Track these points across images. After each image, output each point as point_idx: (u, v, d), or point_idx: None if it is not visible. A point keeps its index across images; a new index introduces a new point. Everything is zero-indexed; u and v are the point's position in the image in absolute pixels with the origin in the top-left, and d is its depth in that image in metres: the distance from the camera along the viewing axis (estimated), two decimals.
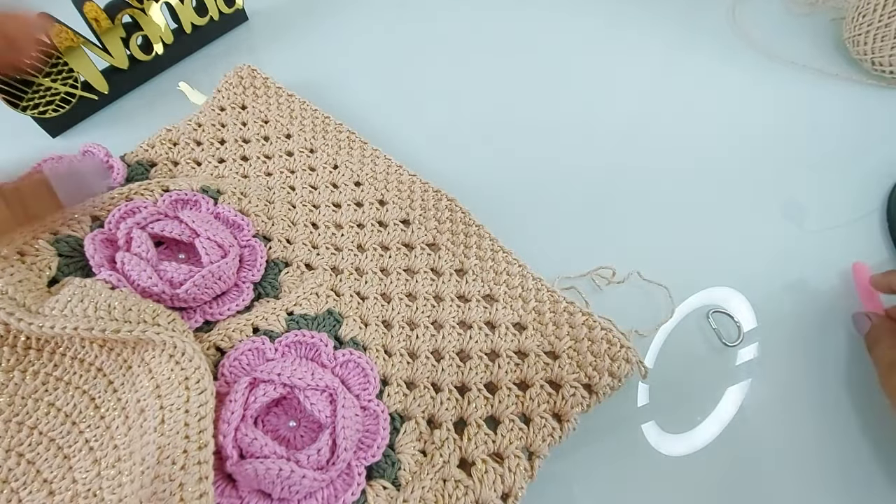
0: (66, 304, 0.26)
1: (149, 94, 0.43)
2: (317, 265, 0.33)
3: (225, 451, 0.23)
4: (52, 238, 0.29)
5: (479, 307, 0.31)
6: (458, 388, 0.29)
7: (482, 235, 0.33)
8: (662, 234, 0.36)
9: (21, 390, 0.27)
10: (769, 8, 0.52)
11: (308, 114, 0.39)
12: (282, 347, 0.27)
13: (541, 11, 0.51)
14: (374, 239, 0.34)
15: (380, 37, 0.49)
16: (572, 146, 0.41)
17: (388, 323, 0.31)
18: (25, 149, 0.37)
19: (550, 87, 0.45)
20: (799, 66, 0.46)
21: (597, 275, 0.34)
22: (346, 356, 0.27)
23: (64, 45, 0.37)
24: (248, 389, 0.25)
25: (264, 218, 0.34)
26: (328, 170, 0.37)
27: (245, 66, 0.41)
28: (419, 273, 0.32)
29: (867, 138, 0.41)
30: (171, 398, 0.24)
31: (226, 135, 0.39)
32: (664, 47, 0.48)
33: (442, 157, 0.39)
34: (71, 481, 0.25)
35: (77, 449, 0.26)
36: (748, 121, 0.43)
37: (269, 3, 0.52)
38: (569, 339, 0.30)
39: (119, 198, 0.32)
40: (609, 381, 0.28)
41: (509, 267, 0.32)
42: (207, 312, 0.29)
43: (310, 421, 0.26)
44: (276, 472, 0.22)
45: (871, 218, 0.37)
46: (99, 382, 0.27)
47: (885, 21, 0.42)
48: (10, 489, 0.25)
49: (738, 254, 0.35)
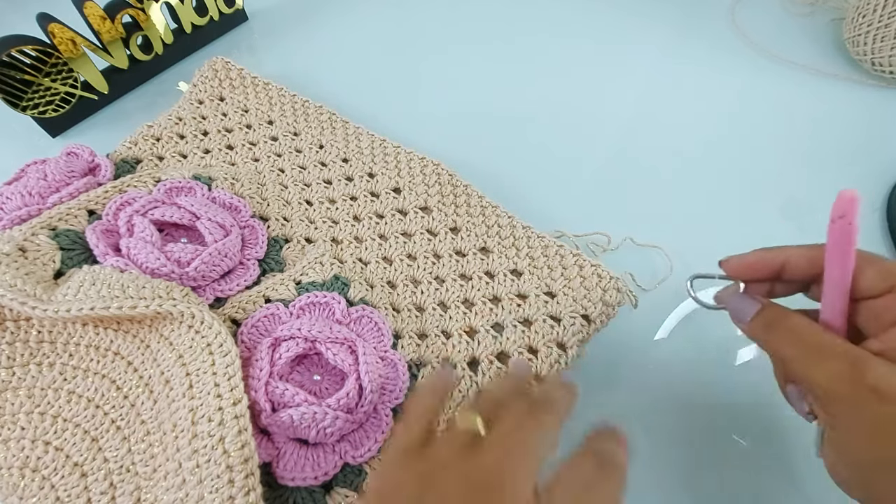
0: (79, 288, 0.27)
1: (149, 94, 0.43)
2: (316, 238, 0.34)
3: (258, 405, 0.24)
4: (51, 233, 0.30)
5: (475, 259, 0.33)
6: (466, 332, 0.30)
7: (469, 194, 0.35)
8: (662, 234, 0.35)
9: (39, 382, 0.28)
10: (769, 8, 0.51)
11: (287, 99, 0.41)
12: (296, 310, 0.28)
13: (540, 11, 0.52)
14: (369, 209, 0.35)
15: (380, 36, 0.50)
16: (572, 146, 0.41)
17: (393, 283, 0.32)
18: (25, 149, 0.37)
19: (549, 87, 0.45)
20: (799, 66, 0.46)
21: (592, 242, 0.35)
22: (360, 312, 0.29)
23: (67, 54, 0.37)
24: (271, 349, 0.26)
25: (259, 199, 0.35)
26: (314, 150, 0.38)
27: (218, 58, 0.42)
28: (415, 235, 0.34)
29: (867, 138, 0.41)
30: (196, 364, 0.25)
31: (208, 126, 0.39)
32: (663, 48, 0.48)
33: (449, 146, 0.39)
34: (102, 461, 0.26)
35: (104, 430, 0.27)
36: (748, 121, 0.42)
37: (269, 3, 0.52)
38: (563, 279, 0.32)
39: (113, 191, 0.32)
40: (603, 309, 0.30)
41: (499, 220, 0.34)
42: (217, 290, 0.30)
43: (333, 373, 0.27)
44: (312, 416, 0.24)
45: (871, 218, 0.36)
46: (118, 365, 0.28)
47: (884, 21, 0.41)
48: (41, 477, 0.26)
49: (736, 253, 0.34)
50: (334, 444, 0.25)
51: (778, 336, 0.22)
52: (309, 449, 0.25)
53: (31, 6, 0.39)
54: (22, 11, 0.46)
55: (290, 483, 0.24)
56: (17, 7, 0.50)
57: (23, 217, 0.31)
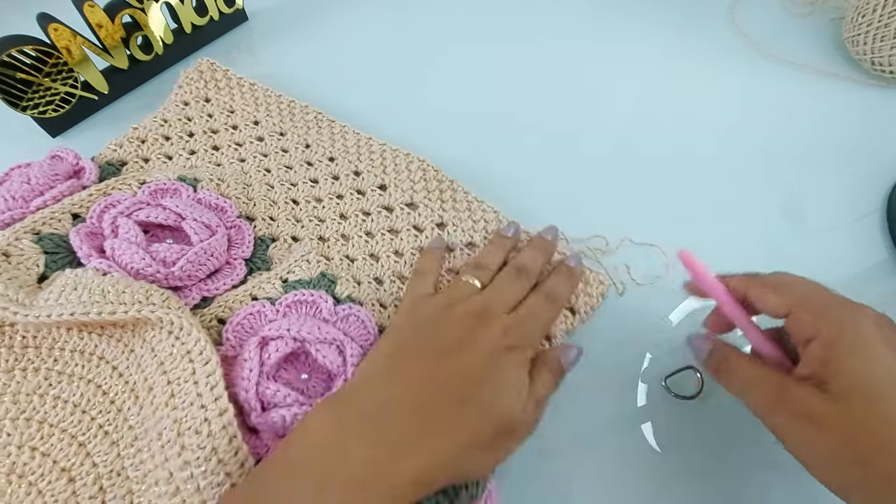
0: (60, 293, 0.26)
1: (149, 94, 0.43)
2: (303, 237, 0.34)
3: (248, 406, 0.24)
4: (35, 237, 0.29)
5: (462, 255, 0.33)
6: None
7: (455, 189, 0.35)
8: (662, 234, 0.35)
9: (24, 388, 0.27)
10: (769, 8, 0.51)
11: (273, 100, 0.40)
12: (283, 308, 0.28)
13: (539, 13, 0.51)
14: (355, 206, 0.35)
15: (381, 36, 0.49)
16: (572, 147, 0.40)
17: (380, 279, 0.32)
18: (25, 149, 0.37)
19: (549, 87, 0.45)
20: (798, 66, 0.45)
21: (588, 246, 0.34)
22: (346, 310, 0.29)
23: (73, 58, 0.37)
24: (259, 348, 0.26)
25: (245, 200, 0.35)
26: (301, 149, 0.38)
27: (204, 60, 0.42)
28: (402, 231, 0.34)
29: (867, 138, 0.41)
30: (176, 372, 0.25)
31: (193, 128, 0.39)
32: (663, 48, 0.48)
33: (449, 147, 0.39)
34: (91, 465, 0.26)
35: (92, 435, 0.26)
36: (747, 121, 0.42)
37: (269, 3, 0.52)
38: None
39: (97, 194, 0.32)
40: (587, 301, 0.31)
41: (485, 214, 0.34)
42: (203, 289, 0.30)
43: (320, 371, 0.27)
44: (303, 416, 0.24)
45: (871, 218, 0.36)
46: (103, 370, 0.28)
47: (884, 21, 0.41)
48: (27, 483, 0.25)
49: (737, 254, 0.32)
50: None
51: (724, 374, 0.25)
52: None
53: (31, 6, 0.38)
54: (22, 11, 0.45)
55: None
56: (17, 7, 0.50)
57: (6, 221, 0.31)
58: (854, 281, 0.34)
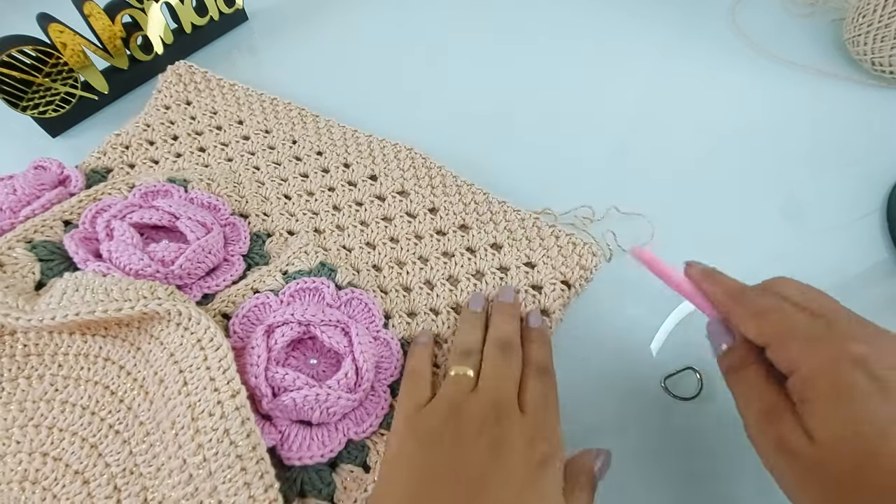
0: (62, 295, 0.26)
1: (149, 95, 0.42)
2: (298, 230, 0.34)
3: (259, 391, 0.25)
4: (28, 245, 0.29)
5: (455, 237, 0.34)
6: (453, 308, 0.31)
7: (444, 174, 0.36)
8: (662, 235, 0.35)
9: (30, 395, 0.27)
10: (769, 8, 0.51)
11: (255, 98, 0.41)
12: (286, 297, 0.29)
13: (539, 13, 0.52)
14: (347, 197, 0.36)
15: (380, 36, 0.49)
16: (572, 147, 0.41)
17: (378, 266, 0.33)
18: (25, 149, 0.37)
19: (549, 87, 0.45)
20: (799, 66, 0.46)
21: (576, 215, 0.35)
22: (349, 294, 0.29)
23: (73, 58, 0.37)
24: (266, 336, 0.26)
25: (237, 197, 0.35)
26: (288, 145, 0.38)
27: (182, 63, 0.42)
28: (395, 219, 0.35)
29: (867, 138, 0.41)
30: (188, 360, 0.25)
31: (177, 131, 0.39)
32: (663, 48, 0.48)
33: (450, 147, 0.39)
34: (104, 466, 0.26)
35: (103, 436, 0.27)
36: (748, 121, 0.42)
37: (269, 3, 0.51)
38: (541, 249, 0.33)
39: (87, 200, 0.32)
40: (581, 273, 0.32)
41: (475, 196, 0.35)
42: (203, 286, 0.30)
43: (329, 356, 0.28)
44: (314, 398, 0.24)
45: (871, 218, 0.36)
46: (110, 370, 0.28)
47: (885, 21, 0.41)
48: (41, 488, 0.25)
49: (737, 254, 0.32)
50: (337, 423, 0.26)
51: (734, 379, 0.24)
52: (313, 429, 0.25)
53: (31, 6, 0.38)
54: (22, 11, 0.45)
55: (296, 463, 0.24)
56: (17, 7, 0.49)
57: None
58: (854, 281, 0.34)
